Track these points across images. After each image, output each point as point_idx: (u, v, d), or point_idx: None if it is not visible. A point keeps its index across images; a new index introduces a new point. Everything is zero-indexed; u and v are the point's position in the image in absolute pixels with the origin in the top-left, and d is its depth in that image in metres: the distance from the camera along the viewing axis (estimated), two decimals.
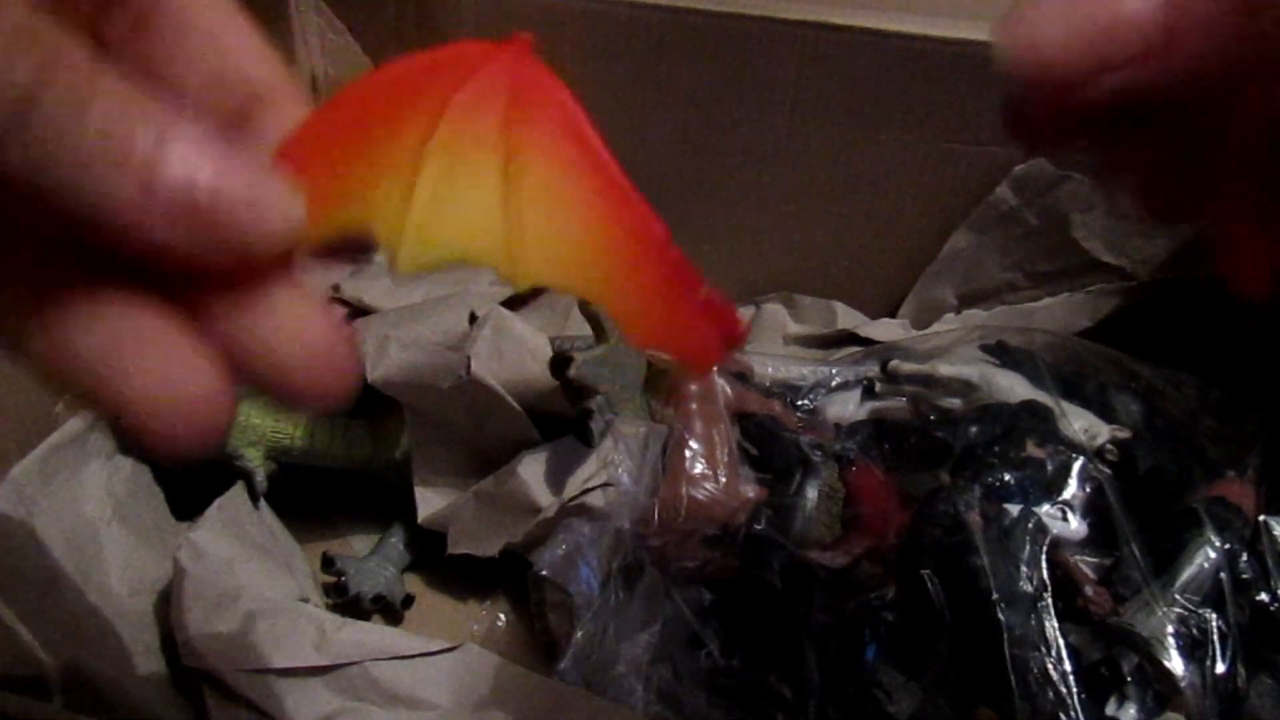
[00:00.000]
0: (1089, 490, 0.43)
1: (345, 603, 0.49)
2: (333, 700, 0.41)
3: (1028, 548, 0.40)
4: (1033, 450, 0.44)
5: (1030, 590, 0.39)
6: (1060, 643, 0.38)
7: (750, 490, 0.48)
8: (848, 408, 0.53)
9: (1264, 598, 0.40)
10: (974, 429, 0.46)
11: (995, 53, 0.19)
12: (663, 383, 0.50)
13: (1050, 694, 0.37)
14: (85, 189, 0.17)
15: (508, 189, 0.20)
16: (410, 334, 0.50)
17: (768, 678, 0.42)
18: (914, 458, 0.47)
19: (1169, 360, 0.51)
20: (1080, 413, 0.47)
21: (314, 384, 0.19)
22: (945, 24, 0.52)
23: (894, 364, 0.52)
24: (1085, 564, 0.41)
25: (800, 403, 0.54)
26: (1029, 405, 0.47)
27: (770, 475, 0.48)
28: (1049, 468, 0.43)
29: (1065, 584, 0.40)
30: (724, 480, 0.47)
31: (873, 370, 0.54)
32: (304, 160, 0.19)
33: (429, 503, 0.50)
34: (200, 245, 0.17)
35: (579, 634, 0.43)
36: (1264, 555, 0.41)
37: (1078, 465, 0.43)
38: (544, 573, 0.45)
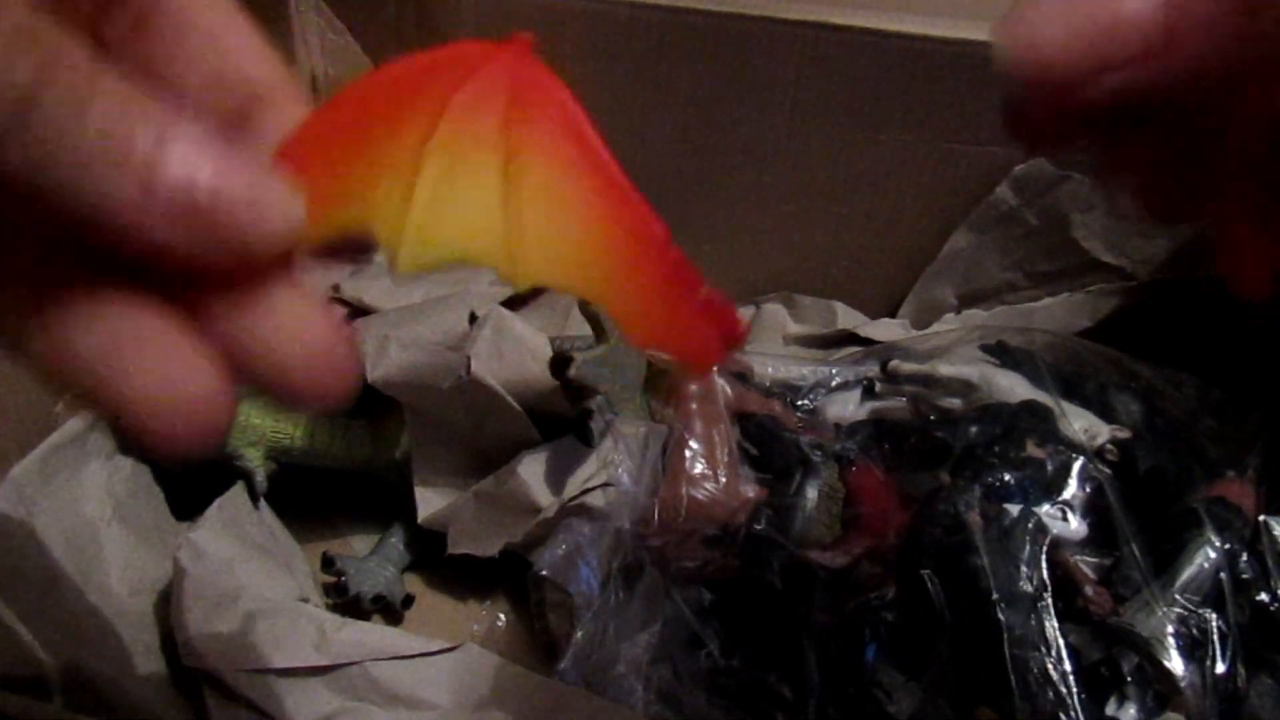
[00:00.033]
0: (1089, 490, 0.43)
1: (345, 603, 0.49)
2: (333, 700, 0.41)
3: (1028, 548, 0.40)
4: (1033, 450, 0.44)
5: (1030, 590, 0.39)
6: (1060, 643, 0.38)
7: (750, 490, 0.48)
8: (848, 408, 0.53)
9: (1264, 598, 0.40)
10: (974, 429, 0.46)
11: (995, 52, 0.19)
12: (663, 383, 0.50)
13: (1050, 694, 0.37)
14: (85, 189, 0.17)
15: (508, 189, 0.20)
16: (410, 334, 0.50)
17: (768, 678, 0.42)
18: (914, 458, 0.47)
19: (1169, 360, 0.51)
20: (1080, 413, 0.47)
21: (314, 384, 0.19)
22: (945, 24, 0.52)
23: (894, 364, 0.52)
24: (1085, 564, 0.41)
25: (800, 403, 0.54)
26: (1029, 405, 0.47)
27: (770, 475, 0.48)
28: (1049, 468, 0.43)
29: (1065, 584, 0.40)
30: (724, 480, 0.47)
31: (873, 370, 0.54)
32: (304, 160, 0.19)
33: (429, 503, 0.50)
34: (200, 245, 0.18)
35: (579, 634, 0.43)
36: (1264, 555, 0.41)
37: (1078, 465, 0.43)
38: (544, 573, 0.45)
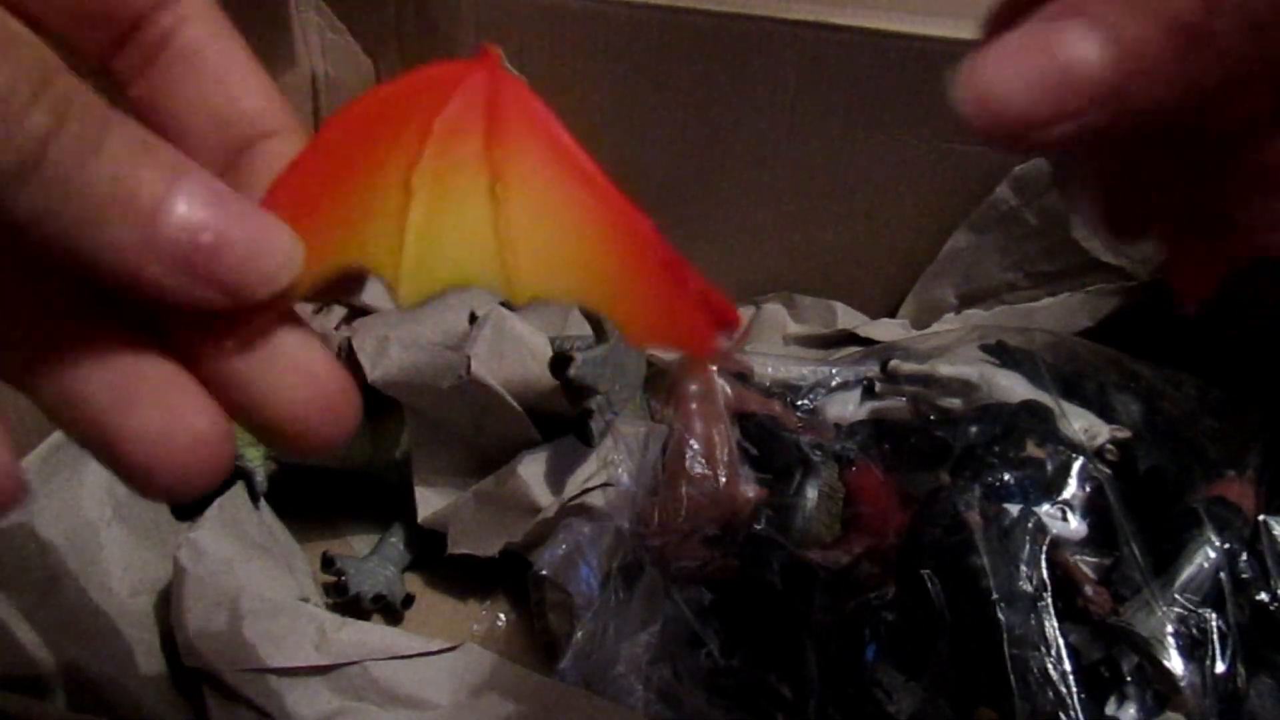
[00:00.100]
0: (1089, 490, 0.43)
1: (345, 603, 0.49)
2: (333, 700, 0.41)
3: (1028, 547, 0.40)
4: (1033, 450, 0.44)
5: (1030, 590, 0.39)
6: (1060, 643, 0.37)
7: (750, 490, 0.48)
8: (848, 408, 0.53)
9: (1264, 597, 0.40)
10: (974, 429, 0.46)
11: (951, 103, 0.19)
12: (663, 383, 0.50)
13: (1050, 694, 0.37)
14: (89, 234, 0.17)
15: (496, 209, 0.20)
16: (410, 334, 0.50)
17: (768, 678, 0.42)
18: (914, 458, 0.47)
19: (1169, 360, 0.51)
20: (1080, 413, 0.47)
21: (313, 434, 0.19)
22: (945, 24, 0.52)
23: (894, 364, 0.52)
24: (1085, 564, 0.41)
25: (800, 403, 0.54)
26: (1029, 405, 0.47)
27: (770, 475, 0.48)
28: (1049, 468, 0.43)
29: (1065, 584, 0.40)
30: (724, 480, 0.47)
31: (873, 370, 0.54)
32: (296, 201, 0.19)
33: (429, 503, 0.50)
34: (201, 289, 0.18)
35: (579, 634, 0.43)
36: (1264, 555, 0.41)
37: (1078, 465, 0.43)
38: (544, 572, 0.45)
